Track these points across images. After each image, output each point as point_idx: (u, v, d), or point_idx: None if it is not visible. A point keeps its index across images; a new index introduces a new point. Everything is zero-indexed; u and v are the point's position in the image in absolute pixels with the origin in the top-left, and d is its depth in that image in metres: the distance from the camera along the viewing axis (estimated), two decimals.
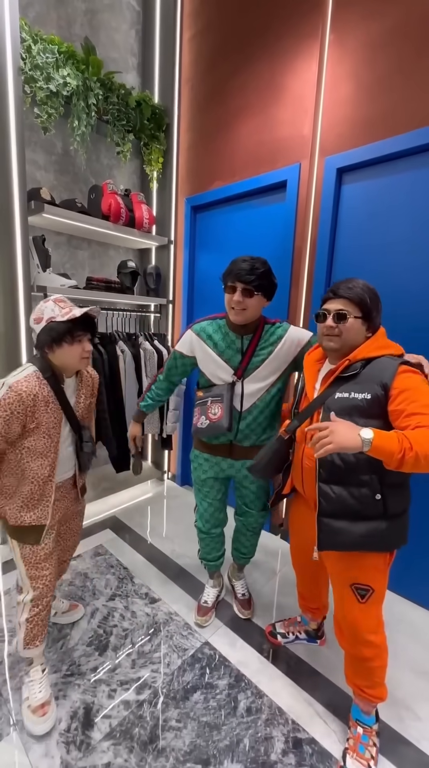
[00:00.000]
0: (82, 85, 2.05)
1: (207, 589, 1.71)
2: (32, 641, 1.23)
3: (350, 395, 1.00)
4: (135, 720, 1.23)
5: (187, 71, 2.48)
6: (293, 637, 1.54)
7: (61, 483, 1.28)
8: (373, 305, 1.05)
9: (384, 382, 0.96)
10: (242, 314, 1.26)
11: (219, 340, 1.35)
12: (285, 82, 1.99)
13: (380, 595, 1.08)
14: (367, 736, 1.15)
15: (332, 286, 1.09)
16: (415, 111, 1.56)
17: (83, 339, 1.16)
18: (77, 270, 2.46)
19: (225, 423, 1.31)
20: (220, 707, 1.28)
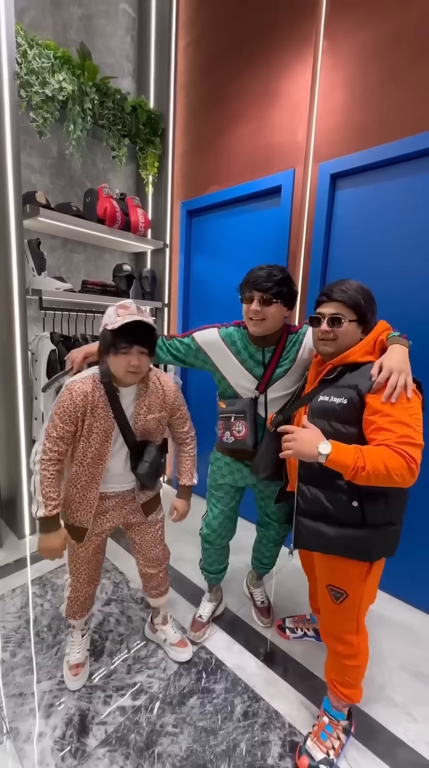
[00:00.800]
0: (78, 90, 2.06)
1: (203, 603, 1.63)
2: (72, 615, 1.38)
3: (329, 399, 1.01)
4: (131, 726, 1.22)
5: (183, 77, 2.50)
6: (301, 633, 1.56)
7: (115, 494, 1.27)
8: (368, 307, 1.04)
9: (360, 389, 0.96)
10: (261, 325, 1.20)
11: (241, 349, 1.31)
12: (279, 88, 2.01)
13: (356, 600, 1.06)
14: (332, 727, 1.16)
15: (325, 289, 1.07)
16: (407, 118, 1.59)
17: (129, 351, 1.07)
18: (73, 273, 2.46)
19: (249, 442, 1.29)
20: (216, 712, 1.27)
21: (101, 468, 1.19)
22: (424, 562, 1.72)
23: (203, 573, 1.64)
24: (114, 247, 2.61)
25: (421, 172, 1.60)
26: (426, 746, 1.20)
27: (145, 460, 1.21)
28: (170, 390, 1.28)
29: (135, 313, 1.08)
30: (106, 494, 1.26)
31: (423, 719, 1.28)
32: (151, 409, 1.23)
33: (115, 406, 1.16)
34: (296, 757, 1.13)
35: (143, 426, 1.22)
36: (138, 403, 1.21)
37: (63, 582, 1.83)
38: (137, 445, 1.22)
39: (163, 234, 2.67)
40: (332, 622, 1.12)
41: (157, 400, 1.24)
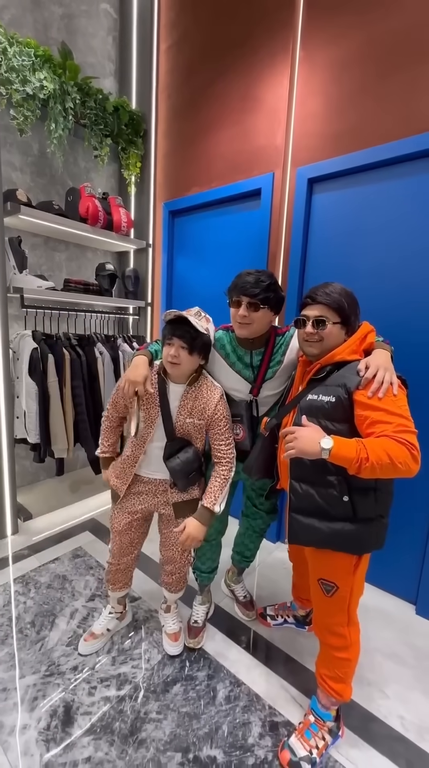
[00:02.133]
0: (59, 89, 2.07)
1: (196, 607, 1.61)
2: (108, 583, 1.50)
3: (318, 397, 1.04)
4: (115, 714, 1.24)
5: (165, 80, 2.53)
6: (282, 620, 1.61)
7: (150, 480, 1.37)
8: (351, 310, 1.06)
9: (348, 387, 0.99)
10: (247, 328, 1.23)
11: (230, 351, 1.35)
12: (259, 94, 2.07)
13: (346, 593, 1.09)
14: (318, 727, 1.16)
15: (310, 292, 1.10)
16: (376, 128, 1.68)
17: (171, 343, 1.19)
18: (54, 272, 2.46)
19: (247, 444, 1.34)
20: (199, 697, 1.31)
21: (142, 448, 1.32)
22: (396, 549, 1.81)
23: (195, 573, 1.62)
24: (96, 246, 2.62)
25: (390, 179, 1.69)
26: (397, 720, 1.28)
27: (179, 456, 1.27)
28: (212, 401, 1.28)
29: (189, 314, 1.20)
30: (142, 477, 1.37)
31: (395, 696, 1.36)
32: (192, 413, 1.29)
33: (162, 397, 1.28)
34: (279, 751, 1.15)
35: (182, 426, 1.29)
36: (182, 403, 1.29)
37: (48, 581, 1.84)
38: (175, 440, 1.30)
39: (146, 234, 2.70)
40: (324, 615, 1.14)
41: (199, 407, 1.28)
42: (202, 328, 1.19)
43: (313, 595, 1.17)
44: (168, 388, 1.29)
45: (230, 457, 1.32)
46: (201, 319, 1.23)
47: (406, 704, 1.33)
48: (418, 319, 1.67)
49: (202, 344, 1.22)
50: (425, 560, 1.71)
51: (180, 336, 1.18)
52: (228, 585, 1.80)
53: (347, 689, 1.15)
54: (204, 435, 1.34)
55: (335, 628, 1.12)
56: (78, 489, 2.59)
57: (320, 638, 1.18)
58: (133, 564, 1.49)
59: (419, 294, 1.66)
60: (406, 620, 1.71)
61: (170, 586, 1.49)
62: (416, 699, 1.35)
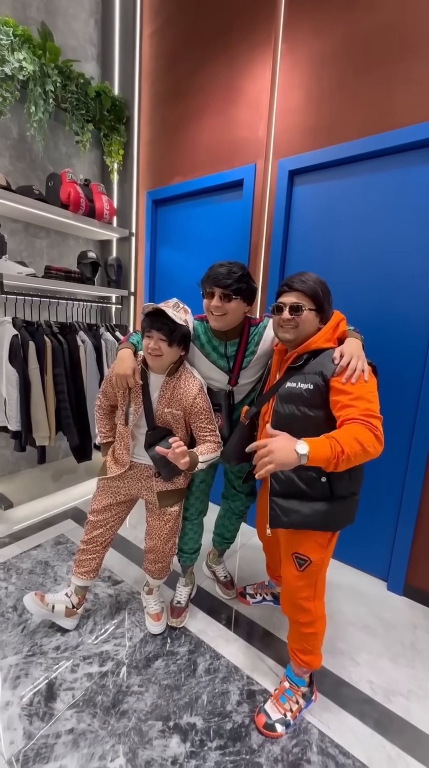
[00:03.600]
0: (39, 71, 2.03)
1: (179, 588, 1.64)
2: (74, 564, 1.50)
3: (296, 385, 1.08)
4: (98, 689, 1.28)
5: (148, 66, 2.51)
6: (260, 598, 1.68)
7: (138, 464, 1.41)
8: (325, 297, 1.11)
9: (324, 374, 1.05)
10: (222, 320, 1.26)
11: (205, 342, 1.38)
12: (242, 85, 2.09)
13: (318, 566, 1.14)
14: (292, 692, 1.23)
15: (286, 280, 1.15)
16: (354, 123, 1.73)
17: (150, 335, 1.22)
18: (35, 259, 2.43)
19: (225, 432, 1.38)
20: (180, 671, 1.36)
21: (128, 432, 1.37)
22: (369, 529, 1.90)
23: (178, 554, 1.63)
24: (78, 233, 2.59)
25: (367, 173, 1.75)
26: (366, 684, 1.36)
27: (160, 445, 1.27)
28: (190, 393, 1.30)
29: (167, 306, 1.23)
30: (132, 462, 1.40)
31: (365, 663, 1.44)
32: (170, 404, 1.32)
33: (143, 387, 1.32)
34: (255, 715, 1.21)
35: (161, 416, 1.33)
36: (162, 393, 1.32)
37: (30, 567, 1.84)
38: (156, 429, 1.33)
39: (129, 222, 2.69)
40: (293, 590, 1.17)
41: (177, 398, 1.32)
42: (180, 320, 1.21)
43: (285, 570, 1.21)
44: (149, 378, 1.33)
45: (213, 438, 1.36)
46: (179, 310, 1.26)
47: (375, 671, 1.41)
48: (395, 309, 1.74)
49: (181, 336, 1.25)
50: (396, 539, 1.81)
51: (158, 329, 1.21)
52: (209, 566, 1.85)
53: (316, 659, 1.22)
54: (184, 425, 1.37)
55: (303, 602, 1.16)
56: (60, 478, 2.58)
57: (289, 616, 1.22)
58: (101, 552, 1.49)
59: (397, 284, 1.73)
60: (377, 596, 1.81)
61: (153, 573, 1.53)
62: (384, 666, 1.44)
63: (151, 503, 1.45)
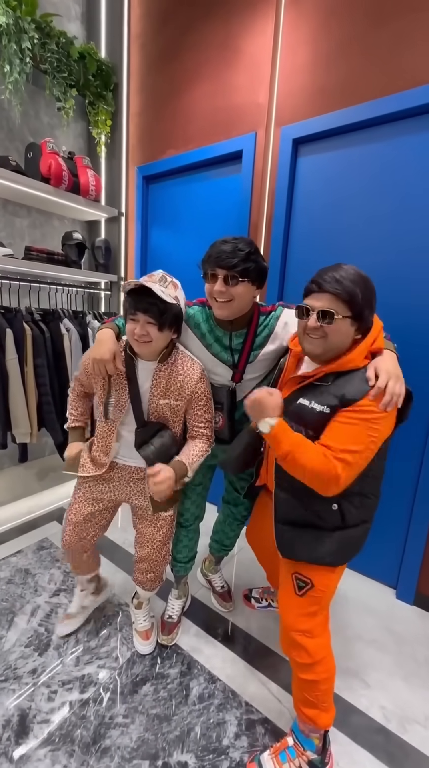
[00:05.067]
0: (14, 25, 1.81)
1: (171, 601, 1.49)
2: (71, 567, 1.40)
3: (309, 404, 0.90)
4: (77, 721, 1.13)
5: (137, 27, 2.28)
6: (266, 604, 1.57)
7: (123, 466, 1.25)
8: (366, 302, 0.86)
9: (346, 398, 0.85)
10: (227, 307, 1.06)
11: (206, 332, 1.19)
12: (240, 44, 1.88)
13: (321, 593, 0.97)
14: (295, 752, 1.02)
15: (316, 276, 0.89)
16: (370, 81, 1.53)
17: (135, 318, 1.03)
18: (15, 240, 2.22)
19: (226, 433, 1.22)
20: (170, 697, 1.22)
21: (113, 434, 1.20)
22: (377, 534, 1.75)
23: (171, 563, 1.49)
24: (63, 213, 2.39)
25: (382, 139, 1.56)
26: (378, 710, 1.22)
27: (152, 443, 1.14)
28: (192, 379, 1.14)
29: (152, 280, 1.03)
30: (115, 463, 1.24)
31: (376, 685, 1.31)
32: (166, 394, 1.15)
33: (130, 377, 1.14)
34: (247, 762, 1.04)
35: (156, 409, 1.16)
36: (155, 383, 1.14)
37: (8, 575, 1.69)
38: (147, 424, 1.15)
39: (118, 201, 2.48)
40: (289, 620, 1.00)
41: (176, 385, 1.14)
42: (170, 298, 1.02)
43: (282, 590, 1.04)
44: (137, 366, 1.14)
45: (208, 433, 1.21)
46: (167, 285, 1.06)
47: (388, 693, 1.28)
48: (416, 296, 1.57)
49: (173, 317, 1.06)
50: (407, 544, 1.66)
51: (145, 310, 1.01)
52: (205, 575, 1.69)
53: (322, 715, 0.99)
54: (182, 417, 1.20)
55: (299, 638, 0.97)
56: (45, 477, 2.42)
57: (284, 651, 1.04)
58: (91, 558, 1.37)
59: (416, 268, 1.55)
60: (386, 605, 1.67)
61: (145, 584, 1.36)
62: (397, 687, 1.30)
63: (141, 508, 1.28)
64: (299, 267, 1.86)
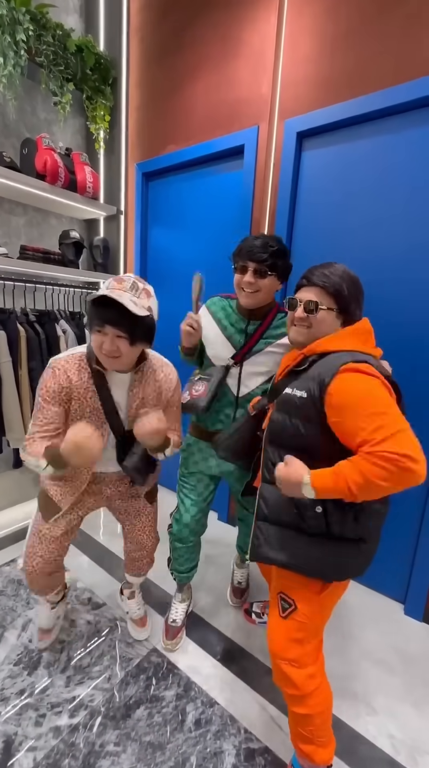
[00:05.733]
0: (8, 16, 1.75)
1: (175, 605, 1.47)
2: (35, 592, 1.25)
3: (292, 391, 0.89)
4: (65, 749, 1.06)
5: (137, 19, 2.21)
6: (267, 619, 1.46)
7: (104, 474, 1.21)
8: (352, 297, 0.90)
9: (322, 379, 0.82)
10: (254, 297, 1.13)
11: (223, 318, 1.24)
12: (242, 34, 1.80)
13: (304, 617, 0.90)
14: None
15: (307, 271, 0.95)
16: (380, 70, 1.45)
17: (103, 331, 0.93)
18: (11, 239, 2.16)
19: (202, 403, 1.17)
20: (165, 722, 1.15)
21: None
22: (384, 545, 1.67)
23: (173, 574, 1.48)
24: (61, 211, 2.32)
25: (392, 132, 1.48)
26: (386, 739, 1.14)
27: (134, 451, 1.09)
28: (170, 385, 1.15)
29: (123, 289, 0.93)
30: (96, 476, 1.20)
31: (383, 710, 1.23)
32: (145, 403, 1.10)
33: (102, 393, 1.05)
34: None
35: (134, 416, 1.09)
36: (132, 394, 1.08)
37: (0, 585, 1.63)
38: (125, 435, 1.10)
39: (117, 199, 2.41)
40: (271, 639, 0.94)
41: (153, 393, 1.11)
42: (142, 310, 0.93)
43: (270, 613, 0.98)
44: (109, 379, 1.05)
45: (178, 442, 1.22)
46: (139, 294, 0.95)
47: (396, 720, 1.20)
48: (419, 293, 1.49)
49: (147, 330, 0.98)
50: (416, 557, 1.58)
51: (115, 323, 0.92)
52: (233, 567, 1.73)
53: (319, 752, 0.92)
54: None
55: (285, 667, 0.90)
56: None
57: (273, 680, 0.97)
58: (60, 569, 1.27)
59: (421, 264, 1.47)
60: (394, 621, 1.59)
61: (142, 570, 1.39)
62: (406, 713, 1.22)
63: (121, 511, 1.27)
64: (303, 264, 1.74)
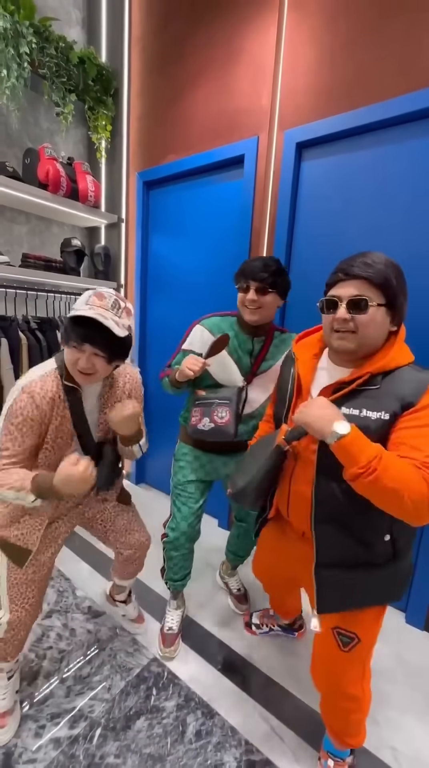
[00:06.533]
0: (12, 30, 1.78)
1: (170, 612, 1.49)
2: (3, 658, 1.10)
3: (360, 413, 0.77)
4: (65, 761, 1.06)
5: (138, 30, 2.25)
6: (267, 629, 1.47)
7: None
8: (400, 288, 0.79)
9: (408, 401, 0.74)
10: (258, 313, 1.20)
11: (231, 339, 1.27)
12: (242, 45, 1.83)
13: (367, 644, 0.89)
14: None
15: (342, 264, 0.82)
16: (380, 81, 1.47)
17: (80, 349, 0.91)
18: (13, 247, 2.18)
19: (231, 429, 1.19)
20: (166, 734, 1.14)
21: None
22: None
23: (167, 583, 1.48)
24: (62, 219, 2.35)
25: (391, 143, 1.50)
26: (388, 752, 1.14)
27: (103, 464, 1.07)
28: (138, 382, 1.17)
29: (105, 307, 0.90)
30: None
31: (385, 723, 1.22)
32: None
33: (76, 409, 1.00)
34: None
35: (104, 428, 1.09)
36: (103, 402, 1.08)
37: None
38: (95, 448, 1.08)
39: (118, 207, 2.44)
40: (334, 673, 0.92)
41: (123, 396, 1.11)
42: (124, 330, 0.92)
43: (321, 647, 0.95)
44: (82, 394, 1.02)
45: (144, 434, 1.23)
46: (121, 313, 0.93)
47: (398, 733, 1.19)
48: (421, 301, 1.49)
49: (126, 348, 0.98)
50: (417, 565, 1.58)
51: (92, 341, 0.90)
52: (222, 577, 1.74)
53: (362, 737, 1.01)
54: None
55: (348, 689, 0.91)
56: None
57: (325, 695, 0.99)
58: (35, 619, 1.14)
59: (422, 273, 1.48)
60: (395, 630, 1.58)
61: (137, 570, 1.37)
62: (409, 726, 1.21)
63: (97, 520, 1.24)
64: (303, 275, 1.78)
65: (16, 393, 0.95)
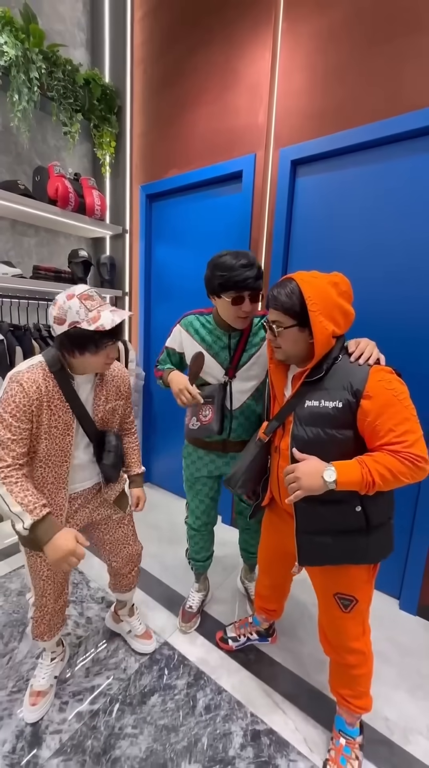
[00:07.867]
0: (22, 57, 1.89)
1: (192, 593, 1.64)
2: (40, 636, 1.24)
3: (320, 404, 0.93)
4: (88, 732, 1.16)
5: (140, 52, 2.37)
6: (244, 640, 1.48)
7: (79, 493, 1.19)
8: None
9: (355, 388, 0.90)
10: (248, 319, 1.24)
11: (205, 335, 1.31)
12: (239, 68, 1.95)
13: (364, 604, 1.05)
14: (350, 748, 1.10)
15: (268, 293, 1.01)
16: (367, 104, 1.58)
17: (108, 347, 1.05)
18: (23, 258, 2.30)
19: (215, 426, 1.27)
20: (178, 708, 1.25)
21: (67, 465, 1.11)
22: None
23: (190, 562, 1.64)
24: (69, 231, 2.46)
25: (378, 161, 1.61)
26: (382, 722, 1.24)
27: (108, 449, 1.17)
28: (125, 377, 1.25)
29: (104, 302, 1.04)
30: (71, 495, 1.17)
31: (379, 696, 1.32)
32: (109, 399, 1.19)
33: (72, 397, 1.08)
34: None
35: (102, 416, 1.18)
36: (96, 393, 1.16)
37: (19, 588, 1.73)
38: (98, 435, 1.17)
39: (123, 219, 2.55)
40: (340, 632, 1.07)
41: (114, 389, 1.20)
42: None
43: (325, 612, 1.09)
44: (75, 385, 1.09)
45: (134, 423, 1.37)
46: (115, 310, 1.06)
47: (391, 705, 1.30)
48: (407, 310, 1.61)
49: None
50: (409, 555, 1.69)
51: (118, 335, 1.07)
52: (242, 582, 1.80)
53: (369, 700, 1.11)
54: (121, 413, 1.27)
55: (352, 644, 1.06)
56: None
57: (335, 659, 1.11)
58: (67, 601, 1.29)
59: (407, 282, 1.60)
60: (389, 616, 1.69)
61: (132, 583, 1.40)
62: (400, 699, 1.32)
63: (99, 523, 1.28)
64: None
65: (5, 384, 1.01)
